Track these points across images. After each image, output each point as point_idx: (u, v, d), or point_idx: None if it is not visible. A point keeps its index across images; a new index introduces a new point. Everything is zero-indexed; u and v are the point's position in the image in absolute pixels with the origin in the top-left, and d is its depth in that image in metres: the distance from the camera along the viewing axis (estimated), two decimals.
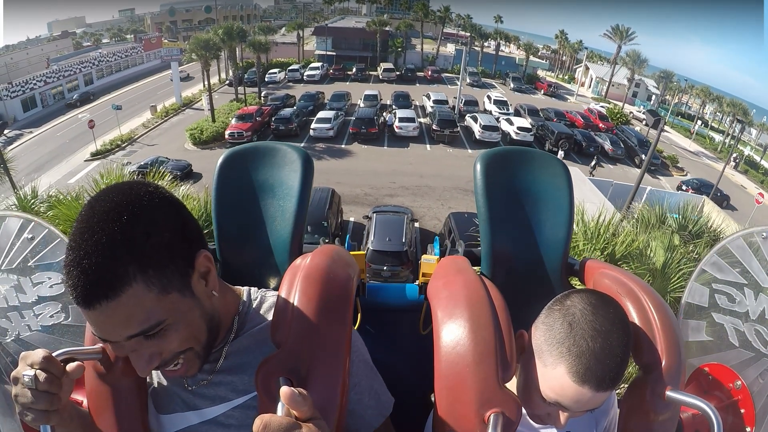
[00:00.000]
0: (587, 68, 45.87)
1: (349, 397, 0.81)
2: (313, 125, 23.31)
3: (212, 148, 21.48)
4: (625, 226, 5.01)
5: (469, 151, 22.57)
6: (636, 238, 4.77)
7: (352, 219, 13.80)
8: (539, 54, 54.97)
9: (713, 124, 40.09)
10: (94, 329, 0.65)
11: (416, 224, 12.74)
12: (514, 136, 23.76)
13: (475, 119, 24.84)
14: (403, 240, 10.46)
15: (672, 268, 4.43)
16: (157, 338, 0.67)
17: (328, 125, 23.15)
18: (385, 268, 9.83)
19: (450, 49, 52.13)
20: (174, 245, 0.67)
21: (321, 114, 24.71)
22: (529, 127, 24.43)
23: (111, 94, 32.81)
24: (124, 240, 0.61)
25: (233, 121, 22.84)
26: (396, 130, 23.60)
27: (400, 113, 25.22)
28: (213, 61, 28.47)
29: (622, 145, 24.87)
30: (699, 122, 38.19)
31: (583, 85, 45.04)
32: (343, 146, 22.47)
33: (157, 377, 0.85)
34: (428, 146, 23.14)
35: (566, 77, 49.06)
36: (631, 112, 35.70)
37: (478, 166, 1.12)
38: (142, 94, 32.57)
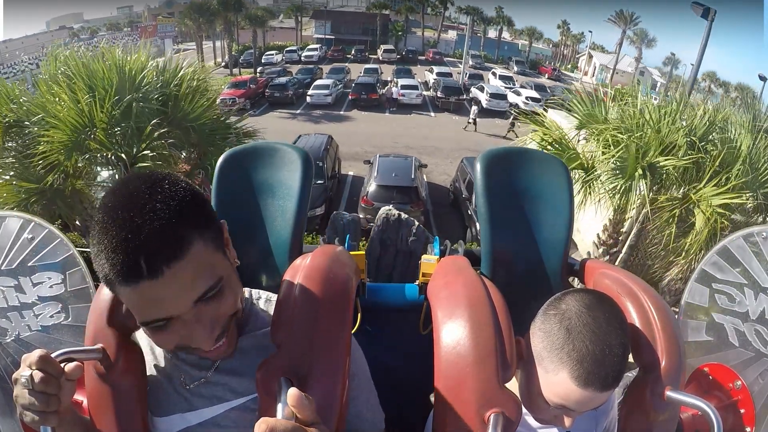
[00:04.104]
0: (590, 56, 45.43)
1: (348, 410, 0.80)
2: (310, 92, 22.19)
3: None
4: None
5: (477, 119, 21.25)
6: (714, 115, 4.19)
7: (351, 173, 12.93)
8: (543, 39, 54.58)
9: None
10: (153, 310, 0.63)
11: (424, 177, 11.31)
12: (522, 106, 22.11)
13: (482, 89, 23.85)
14: (413, 176, 9.11)
15: (759, 156, 3.95)
16: (215, 300, 0.67)
17: (326, 91, 22.12)
18: (390, 207, 8.84)
19: (451, 35, 51.76)
20: (209, 209, 0.69)
21: (319, 81, 23.60)
22: (539, 97, 22.99)
23: None
24: (175, 202, 0.62)
25: (226, 89, 21.32)
26: (399, 97, 22.17)
27: (402, 81, 24.19)
28: (208, 41, 27.38)
29: None
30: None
31: (586, 74, 44.53)
32: (341, 112, 21.31)
33: (153, 379, 0.84)
34: (432, 114, 21.98)
35: (569, 66, 48.78)
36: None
37: (479, 166, 1.12)
38: None
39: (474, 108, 19.47)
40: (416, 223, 3.07)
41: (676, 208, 4.05)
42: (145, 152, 4.03)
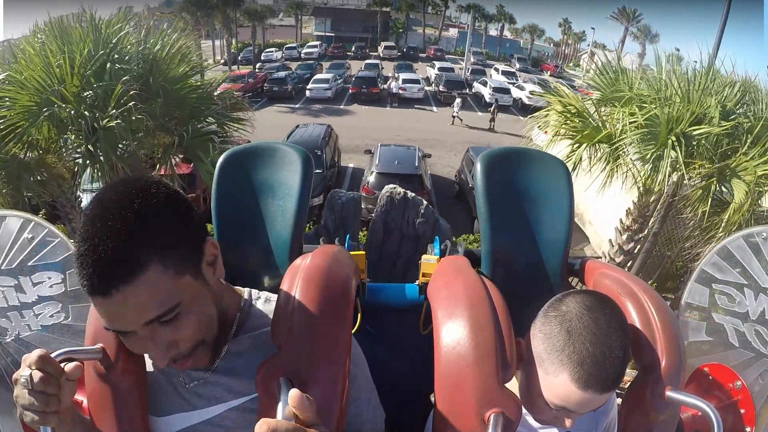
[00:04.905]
0: (592, 54, 45.18)
1: (349, 410, 0.80)
2: (309, 86, 21.96)
3: None
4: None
5: (479, 113, 20.87)
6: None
7: (351, 165, 12.77)
8: (545, 37, 54.48)
9: None
10: (107, 321, 0.64)
11: (429, 170, 10.68)
12: (526, 101, 22.12)
13: (485, 83, 23.56)
14: (416, 164, 8.81)
15: None
16: (172, 324, 0.67)
17: (326, 85, 21.90)
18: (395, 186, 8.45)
19: (452, 33, 51.60)
20: (184, 230, 0.68)
21: (318, 76, 23.38)
22: (542, 91, 22.45)
23: None
24: (138, 223, 0.62)
25: (224, 83, 21.00)
26: (399, 92, 21.87)
27: (404, 75, 23.88)
28: (207, 40, 26.86)
29: None
30: None
31: (588, 72, 44.21)
32: (342, 106, 21.09)
33: (152, 378, 0.84)
34: (435, 108, 21.70)
35: (571, 64, 48.63)
36: None
37: (479, 166, 1.12)
38: None
39: (458, 100, 19.20)
40: (424, 202, 2.77)
41: (713, 179, 3.84)
42: (111, 114, 3.69)
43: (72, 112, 3.65)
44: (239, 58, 32.16)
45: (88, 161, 3.93)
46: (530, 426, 0.92)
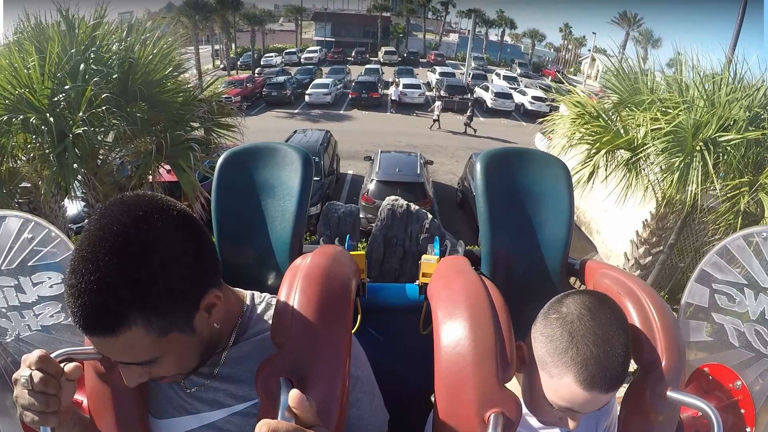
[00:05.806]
0: (594, 60, 45.29)
1: (351, 413, 0.80)
2: (308, 90, 21.73)
3: None
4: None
5: (482, 119, 20.73)
6: None
7: (350, 172, 12.55)
8: (545, 42, 54.66)
9: None
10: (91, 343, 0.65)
11: (431, 177, 10.48)
12: (528, 106, 22.06)
13: (486, 88, 23.52)
14: (418, 171, 8.61)
15: None
16: (148, 366, 0.67)
17: (325, 90, 21.66)
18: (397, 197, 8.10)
19: (453, 38, 51.83)
20: (183, 288, 0.64)
21: (318, 80, 23.23)
22: (545, 96, 21.21)
23: None
24: (128, 284, 0.58)
25: (221, 88, 20.37)
26: (400, 97, 21.58)
27: (404, 80, 23.78)
28: (206, 46, 26.53)
29: None
30: None
31: (590, 77, 44.32)
32: (341, 111, 21.00)
33: (154, 382, 0.84)
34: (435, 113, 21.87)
35: (572, 69, 48.74)
36: None
37: (479, 167, 1.13)
38: None
39: (438, 104, 19.02)
40: (429, 216, 2.61)
41: (743, 193, 3.62)
42: (81, 119, 3.43)
43: (33, 119, 3.42)
44: (238, 63, 32.24)
45: (56, 170, 3.61)
46: (531, 427, 0.92)
